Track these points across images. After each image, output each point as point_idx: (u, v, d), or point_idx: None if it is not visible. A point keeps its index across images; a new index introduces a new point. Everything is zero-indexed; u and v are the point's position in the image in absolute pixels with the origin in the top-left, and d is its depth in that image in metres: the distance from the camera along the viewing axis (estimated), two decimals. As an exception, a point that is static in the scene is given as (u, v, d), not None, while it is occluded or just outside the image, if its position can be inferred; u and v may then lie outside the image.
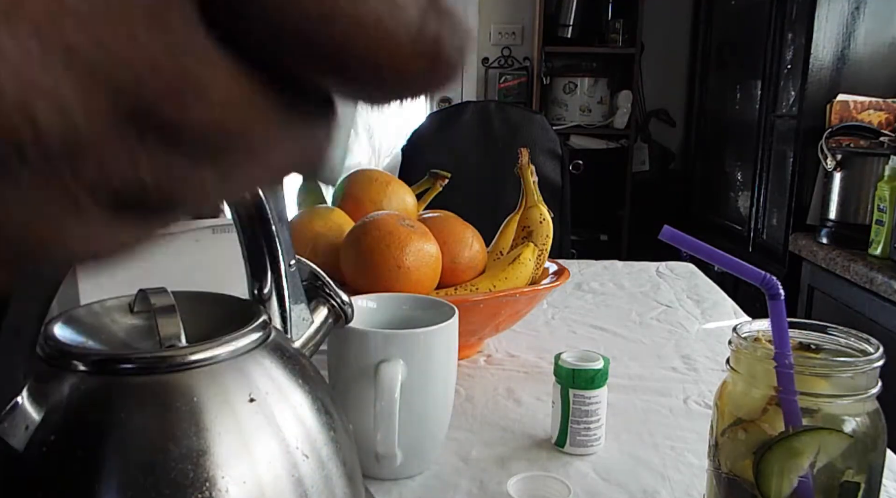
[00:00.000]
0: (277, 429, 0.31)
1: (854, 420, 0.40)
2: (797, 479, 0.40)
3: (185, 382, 0.30)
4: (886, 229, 1.50)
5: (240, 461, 0.30)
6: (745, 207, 2.27)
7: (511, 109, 1.91)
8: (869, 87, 1.85)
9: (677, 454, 0.62)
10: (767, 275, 0.41)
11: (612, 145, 2.82)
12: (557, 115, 2.83)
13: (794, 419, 0.40)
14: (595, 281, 1.17)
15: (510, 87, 2.92)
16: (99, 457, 0.28)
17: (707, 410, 0.70)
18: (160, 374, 0.30)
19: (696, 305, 1.06)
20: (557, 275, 0.86)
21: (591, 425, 0.61)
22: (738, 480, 0.42)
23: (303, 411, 0.33)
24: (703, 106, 2.75)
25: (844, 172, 1.69)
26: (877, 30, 1.85)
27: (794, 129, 1.95)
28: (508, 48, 2.98)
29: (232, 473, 0.29)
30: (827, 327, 0.44)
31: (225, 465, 0.29)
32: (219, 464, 0.29)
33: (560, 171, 1.80)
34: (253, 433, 0.31)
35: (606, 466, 0.60)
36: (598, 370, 0.61)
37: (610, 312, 1.02)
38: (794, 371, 0.40)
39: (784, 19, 2.02)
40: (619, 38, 2.74)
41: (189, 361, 0.31)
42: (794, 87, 1.94)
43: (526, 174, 0.86)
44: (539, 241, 0.85)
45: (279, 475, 0.31)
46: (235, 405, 0.31)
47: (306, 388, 0.34)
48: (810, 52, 1.85)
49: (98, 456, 0.28)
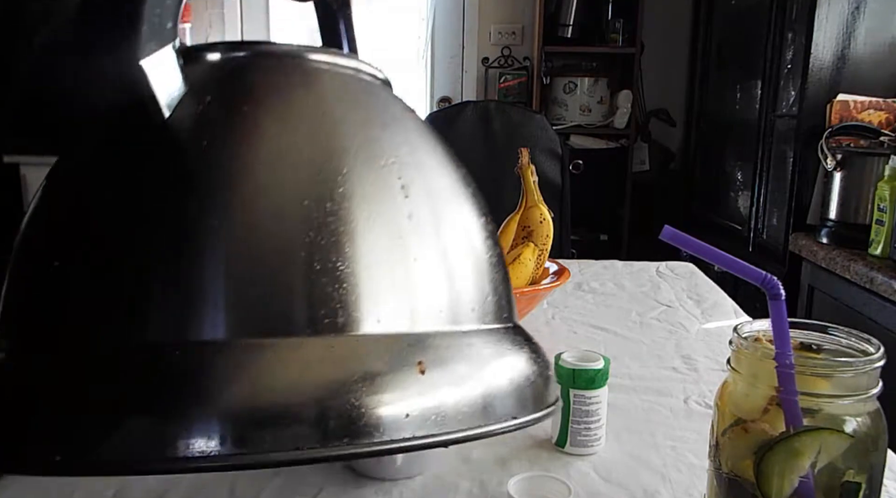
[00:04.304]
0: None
1: (855, 420, 0.40)
2: (798, 479, 0.40)
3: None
4: (886, 229, 1.50)
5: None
6: (745, 207, 2.27)
7: (511, 109, 1.91)
8: (869, 87, 1.85)
9: (678, 454, 0.62)
10: (768, 275, 0.41)
11: (612, 145, 2.81)
12: (557, 114, 2.83)
13: (794, 419, 0.40)
14: (595, 281, 1.17)
15: (510, 87, 2.92)
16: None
17: (707, 410, 0.70)
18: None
19: (696, 304, 1.06)
20: (557, 275, 0.86)
21: (592, 425, 0.61)
22: (738, 480, 0.42)
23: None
24: (703, 106, 2.75)
25: (844, 172, 1.69)
26: (877, 30, 1.85)
27: (794, 129, 1.95)
28: (508, 48, 2.98)
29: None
30: (828, 327, 0.44)
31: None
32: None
33: (560, 170, 1.79)
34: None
35: (607, 466, 0.60)
36: (599, 370, 0.61)
37: (610, 312, 1.02)
38: (795, 371, 0.40)
39: (784, 19, 2.02)
40: (619, 38, 2.73)
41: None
42: (794, 87, 1.94)
43: (526, 174, 0.86)
44: (539, 241, 0.85)
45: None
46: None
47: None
48: (810, 52, 1.85)
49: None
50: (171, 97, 0.28)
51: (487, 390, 0.28)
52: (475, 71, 3.01)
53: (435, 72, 3.06)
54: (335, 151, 0.29)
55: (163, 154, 0.28)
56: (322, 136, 0.29)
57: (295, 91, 0.31)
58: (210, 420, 0.23)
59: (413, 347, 0.27)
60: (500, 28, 2.99)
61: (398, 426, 0.25)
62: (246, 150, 0.28)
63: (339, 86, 0.33)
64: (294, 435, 0.24)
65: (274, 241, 0.26)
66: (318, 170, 0.28)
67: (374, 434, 0.24)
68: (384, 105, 0.34)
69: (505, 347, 0.31)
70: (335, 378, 0.25)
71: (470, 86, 3.02)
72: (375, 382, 0.25)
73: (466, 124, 1.83)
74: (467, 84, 3.03)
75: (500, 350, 0.31)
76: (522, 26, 2.98)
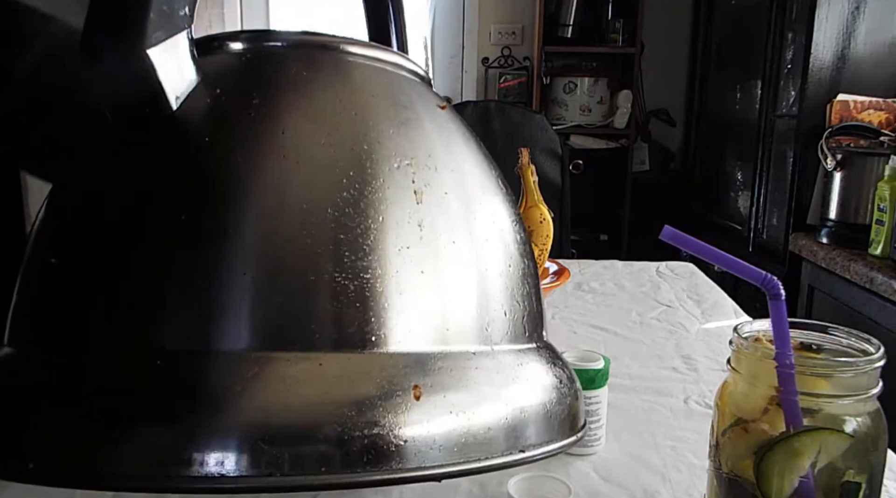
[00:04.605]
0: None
1: (855, 420, 0.40)
2: (798, 479, 0.40)
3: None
4: (886, 229, 1.50)
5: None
6: (745, 207, 2.27)
7: (511, 109, 1.91)
8: (869, 87, 1.85)
9: (678, 454, 0.62)
10: (768, 275, 0.41)
11: (612, 145, 2.81)
12: (557, 114, 2.83)
13: (794, 419, 0.40)
14: (595, 281, 1.17)
15: (510, 87, 2.92)
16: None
17: (707, 410, 0.70)
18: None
19: (696, 304, 1.06)
20: (557, 275, 0.86)
21: (592, 425, 0.61)
22: (738, 480, 0.42)
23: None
24: (703, 106, 2.75)
25: (844, 172, 1.69)
26: (877, 30, 1.85)
27: (794, 129, 1.95)
28: (508, 48, 2.98)
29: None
30: (828, 327, 0.44)
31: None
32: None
33: (560, 170, 1.79)
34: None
35: (607, 466, 0.60)
36: (599, 370, 0.61)
37: (610, 312, 1.02)
38: (795, 371, 0.40)
39: (784, 19, 2.02)
40: (619, 38, 2.73)
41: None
42: (794, 87, 1.94)
43: (526, 174, 0.86)
44: (539, 241, 0.85)
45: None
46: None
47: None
48: (810, 52, 1.85)
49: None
50: (180, 89, 0.26)
51: (515, 415, 0.26)
52: (475, 71, 3.01)
53: (435, 72, 3.06)
54: (364, 157, 0.27)
55: (168, 151, 0.26)
56: (350, 138, 0.27)
57: (325, 87, 0.29)
58: (227, 433, 0.22)
59: (432, 367, 0.25)
60: (500, 28, 2.99)
61: (421, 452, 0.23)
62: (263, 152, 0.26)
63: (374, 83, 0.30)
64: (315, 455, 0.22)
65: (296, 251, 0.25)
66: (343, 177, 0.26)
67: (397, 459, 0.23)
68: (423, 103, 0.32)
69: (542, 368, 0.29)
70: (355, 397, 0.23)
71: (470, 86, 3.02)
72: (402, 404, 0.24)
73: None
74: (467, 84, 3.03)
75: (536, 370, 0.29)
76: (522, 26, 2.98)
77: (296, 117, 0.27)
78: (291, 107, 0.28)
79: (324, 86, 0.29)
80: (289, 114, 0.27)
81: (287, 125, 0.27)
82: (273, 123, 0.27)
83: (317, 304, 0.25)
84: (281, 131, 0.27)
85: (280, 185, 0.26)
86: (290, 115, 0.27)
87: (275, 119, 0.27)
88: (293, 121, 0.27)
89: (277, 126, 0.27)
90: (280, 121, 0.27)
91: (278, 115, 0.27)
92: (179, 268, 0.25)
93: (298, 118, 0.27)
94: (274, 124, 0.27)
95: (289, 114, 0.27)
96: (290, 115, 0.27)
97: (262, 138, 0.26)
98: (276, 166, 0.26)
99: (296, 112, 0.28)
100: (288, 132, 0.27)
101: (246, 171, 0.26)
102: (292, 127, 0.27)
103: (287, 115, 0.27)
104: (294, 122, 0.27)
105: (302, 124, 0.27)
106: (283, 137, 0.27)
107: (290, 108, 0.28)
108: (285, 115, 0.27)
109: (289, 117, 0.27)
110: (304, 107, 0.28)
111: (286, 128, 0.27)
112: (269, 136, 0.27)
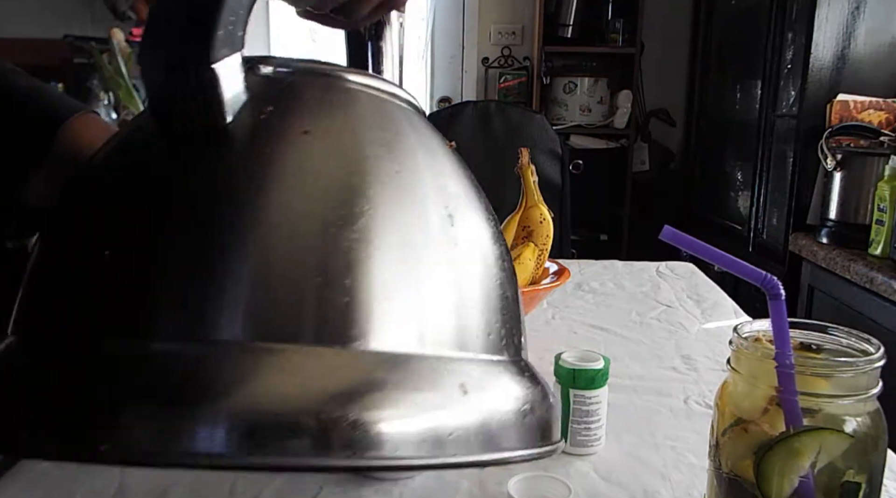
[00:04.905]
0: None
1: (855, 420, 0.40)
2: (798, 479, 0.40)
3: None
4: (886, 229, 1.50)
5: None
6: (745, 207, 2.27)
7: (511, 109, 1.91)
8: (869, 87, 1.85)
9: (678, 454, 0.62)
10: (768, 275, 0.41)
11: (612, 145, 2.81)
12: (557, 114, 2.83)
13: (794, 419, 0.40)
14: (595, 281, 1.17)
15: (510, 87, 2.92)
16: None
17: (707, 410, 0.70)
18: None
19: (696, 304, 1.06)
20: (557, 275, 0.86)
21: (592, 425, 0.61)
22: (738, 480, 0.42)
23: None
24: (703, 106, 2.75)
25: (844, 172, 1.69)
26: (877, 30, 1.85)
27: (794, 129, 1.95)
28: (508, 48, 2.98)
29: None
30: (828, 327, 0.44)
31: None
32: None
33: (560, 170, 1.79)
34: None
35: (607, 466, 0.60)
36: (599, 370, 0.61)
37: (610, 312, 1.02)
38: (795, 371, 0.40)
39: (784, 19, 2.02)
40: (619, 38, 2.74)
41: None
42: (794, 87, 1.94)
43: (526, 174, 0.86)
44: (539, 240, 0.85)
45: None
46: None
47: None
48: (810, 52, 1.85)
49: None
50: (234, 104, 0.28)
51: (491, 419, 0.28)
52: (475, 71, 3.01)
53: (435, 72, 3.06)
54: (367, 177, 0.29)
55: (218, 157, 0.28)
56: (360, 159, 0.30)
57: (337, 111, 0.32)
58: (218, 417, 0.23)
59: (410, 367, 0.27)
60: (500, 28, 2.99)
61: (395, 444, 0.25)
62: (291, 164, 0.28)
63: (379, 111, 0.33)
64: (298, 442, 0.24)
65: (294, 252, 0.27)
66: (344, 196, 0.29)
67: (375, 449, 0.25)
68: (422, 133, 0.34)
69: (513, 379, 0.31)
70: (341, 389, 0.25)
71: (470, 86, 3.03)
72: (378, 397, 0.26)
73: (466, 124, 1.83)
74: (467, 84, 3.03)
75: (506, 381, 0.30)
76: (522, 26, 2.99)
77: (320, 137, 0.30)
78: (329, 129, 0.31)
79: (337, 110, 0.32)
80: (325, 135, 0.30)
81: (313, 144, 0.30)
82: (309, 142, 0.29)
83: (306, 303, 0.27)
84: (306, 148, 0.29)
85: (291, 197, 0.28)
86: (326, 136, 0.30)
87: (320, 139, 0.30)
88: (317, 140, 0.30)
89: (307, 144, 0.29)
90: (321, 142, 0.30)
91: (323, 136, 0.30)
92: (183, 262, 0.27)
93: (321, 138, 0.30)
94: (311, 144, 0.29)
95: (325, 135, 0.30)
96: (325, 137, 0.30)
97: (294, 153, 0.29)
98: (296, 179, 0.28)
99: (321, 133, 0.30)
100: (312, 148, 0.30)
101: (272, 181, 0.28)
102: (317, 146, 0.30)
103: (324, 138, 0.30)
104: (318, 141, 0.30)
105: (323, 144, 0.30)
106: (308, 152, 0.29)
107: (327, 131, 0.30)
108: (315, 135, 0.30)
109: (316, 137, 0.30)
110: (328, 130, 0.31)
111: (312, 146, 0.30)
112: (298, 152, 0.29)
